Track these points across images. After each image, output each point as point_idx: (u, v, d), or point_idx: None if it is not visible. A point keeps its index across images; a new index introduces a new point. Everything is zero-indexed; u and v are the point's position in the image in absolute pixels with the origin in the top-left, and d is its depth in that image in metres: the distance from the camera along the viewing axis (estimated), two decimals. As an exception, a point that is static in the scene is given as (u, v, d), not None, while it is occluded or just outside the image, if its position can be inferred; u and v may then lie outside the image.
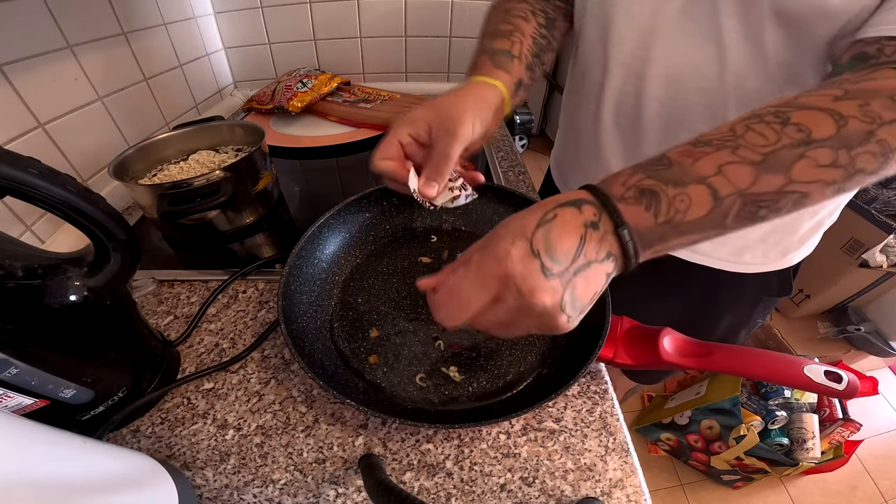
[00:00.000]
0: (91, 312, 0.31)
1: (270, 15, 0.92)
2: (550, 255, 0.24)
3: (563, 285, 0.24)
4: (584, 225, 0.24)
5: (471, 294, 0.26)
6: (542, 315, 0.24)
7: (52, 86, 0.54)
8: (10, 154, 0.24)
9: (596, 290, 0.25)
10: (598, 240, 0.24)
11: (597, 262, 0.24)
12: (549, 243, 0.24)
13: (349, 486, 0.33)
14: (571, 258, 0.24)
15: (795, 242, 0.48)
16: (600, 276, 0.25)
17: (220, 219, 0.55)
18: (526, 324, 0.26)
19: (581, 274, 0.24)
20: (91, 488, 0.23)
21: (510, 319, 0.25)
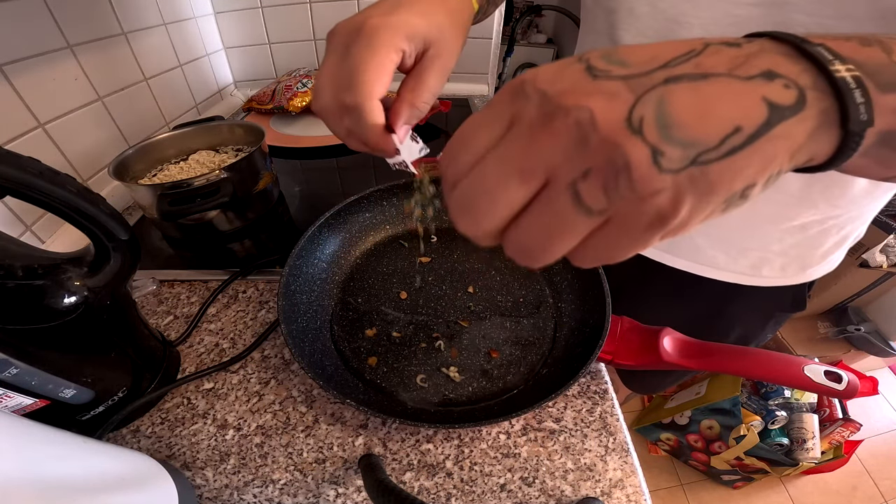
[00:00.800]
0: (91, 312, 0.30)
1: (270, 15, 0.92)
2: (608, 58, 0.14)
3: (632, 91, 0.13)
4: (704, 43, 0.14)
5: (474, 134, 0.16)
6: (587, 137, 0.13)
7: (52, 86, 0.54)
8: (10, 154, 0.24)
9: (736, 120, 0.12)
10: (737, 56, 0.13)
11: (732, 77, 0.13)
12: (612, 51, 0.14)
13: (349, 486, 0.33)
14: (659, 63, 0.13)
15: (817, 257, 0.45)
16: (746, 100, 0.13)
17: (220, 219, 0.55)
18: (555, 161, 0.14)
19: (686, 83, 0.13)
20: (91, 488, 0.23)
21: (527, 152, 0.14)
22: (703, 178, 0.13)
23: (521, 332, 0.42)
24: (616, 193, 0.13)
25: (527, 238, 0.15)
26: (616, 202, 0.13)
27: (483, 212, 0.16)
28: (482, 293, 0.46)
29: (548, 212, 0.14)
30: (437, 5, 0.28)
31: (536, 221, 0.15)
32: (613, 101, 0.13)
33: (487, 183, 0.15)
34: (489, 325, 0.43)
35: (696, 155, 0.12)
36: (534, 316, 0.44)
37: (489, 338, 0.42)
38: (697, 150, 0.12)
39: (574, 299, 0.43)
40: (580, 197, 0.13)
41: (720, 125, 0.12)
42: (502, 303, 0.45)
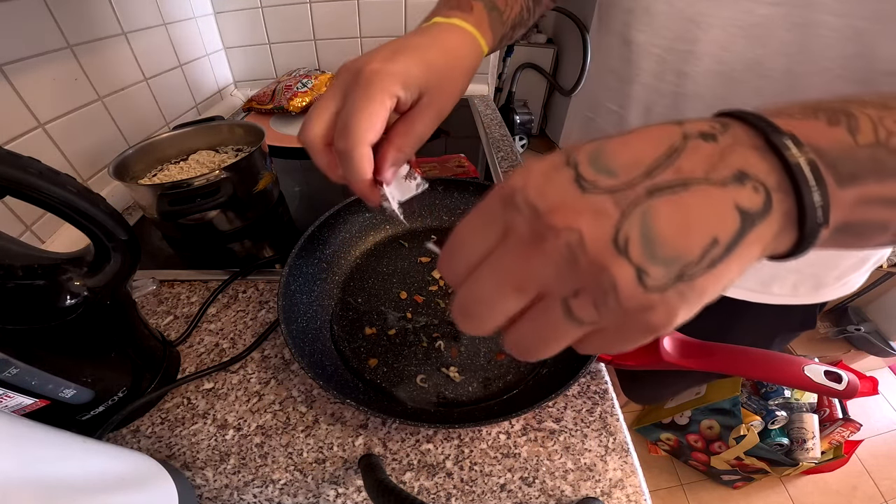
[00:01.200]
0: (91, 312, 0.30)
1: (270, 15, 0.92)
2: (596, 164, 0.14)
3: (618, 207, 0.13)
4: (682, 135, 0.14)
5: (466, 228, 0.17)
6: (576, 259, 0.13)
7: (52, 86, 0.54)
8: (10, 154, 0.24)
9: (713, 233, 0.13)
10: (712, 153, 0.14)
11: (706, 184, 0.13)
12: (599, 154, 0.14)
13: (349, 486, 0.33)
14: (643, 170, 0.14)
15: (833, 279, 0.42)
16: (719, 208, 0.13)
17: (220, 219, 0.55)
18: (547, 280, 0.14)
19: (667, 196, 0.13)
20: (91, 488, 0.23)
21: (520, 269, 0.15)
22: (689, 291, 0.13)
23: (521, 332, 0.42)
24: (606, 309, 0.14)
25: (523, 340, 0.17)
26: (606, 316, 0.14)
27: (481, 318, 0.17)
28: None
29: (542, 320, 0.15)
30: (440, 53, 0.29)
31: (532, 327, 0.16)
32: (600, 221, 0.13)
33: (484, 294, 0.16)
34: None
35: (679, 271, 0.13)
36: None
37: (489, 338, 0.42)
38: (680, 266, 0.13)
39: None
40: (571, 311, 0.14)
41: (699, 239, 0.13)
42: (502, 303, 0.45)
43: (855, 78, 0.28)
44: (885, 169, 0.15)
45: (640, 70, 0.38)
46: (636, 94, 0.40)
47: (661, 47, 0.36)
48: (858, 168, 0.14)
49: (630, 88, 0.40)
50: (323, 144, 0.27)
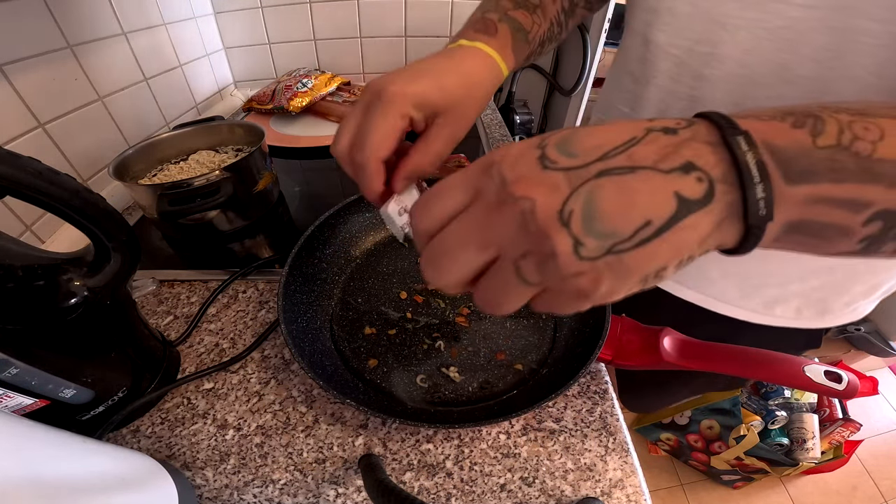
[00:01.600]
0: (91, 312, 0.30)
1: (270, 15, 0.92)
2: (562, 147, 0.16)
3: (569, 184, 0.15)
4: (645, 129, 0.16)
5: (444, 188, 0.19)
6: (527, 225, 0.15)
7: (52, 86, 0.54)
8: (10, 154, 0.24)
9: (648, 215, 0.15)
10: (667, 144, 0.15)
11: (652, 171, 0.15)
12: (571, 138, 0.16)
13: (349, 486, 0.33)
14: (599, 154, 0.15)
15: (841, 304, 0.41)
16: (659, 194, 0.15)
17: (220, 219, 0.55)
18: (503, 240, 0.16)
19: (612, 179, 0.15)
20: (91, 488, 0.23)
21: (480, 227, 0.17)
22: (618, 264, 0.15)
23: (521, 332, 0.42)
24: (546, 272, 0.16)
25: (485, 295, 0.19)
26: (547, 279, 0.16)
27: (445, 269, 0.18)
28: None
29: (498, 278, 0.17)
30: (458, 77, 0.30)
31: (491, 284, 0.18)
32: (552, 194, 0.15)
33: (449, 247, 0.18)
34: (489, 326, 0.43)
35: (611, 245, 0.15)
36: (534, 316, 0.44)
37: (489, 338, 0.42)
38: (613, 241, 0.15)
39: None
40: (521, 271, 0.16)
41: (633, 219, 0.15)
42: (502, 303, 0.45)
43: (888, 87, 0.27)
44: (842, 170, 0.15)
45: (656, 71, 0.37)
46: (650, 96, 0.39)
47: (681, 48, 0.35)
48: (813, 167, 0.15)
49: (645, 90, 0.39)
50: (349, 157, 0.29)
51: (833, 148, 0.15)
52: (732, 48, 0.32)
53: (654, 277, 0.16)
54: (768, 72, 0.31)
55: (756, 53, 0.31)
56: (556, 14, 0.40)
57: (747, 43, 0.31)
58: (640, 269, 0.15)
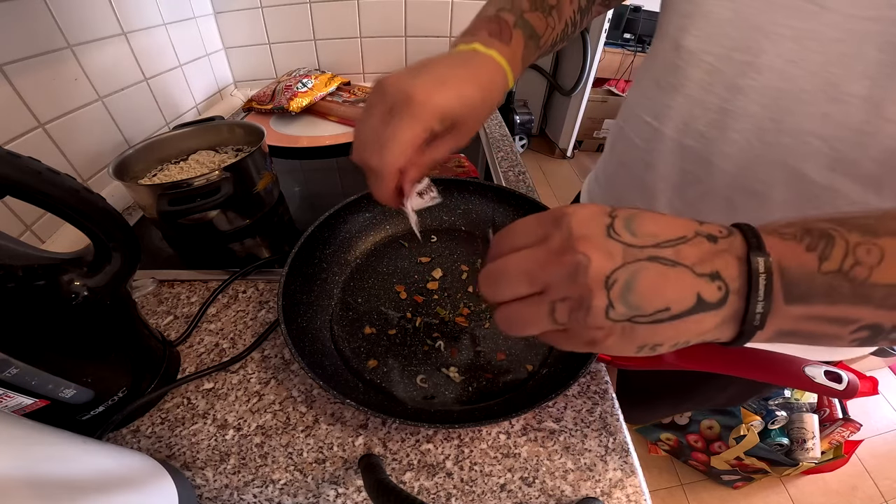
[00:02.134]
0: (91, 313, 0.31)
1: (270, 15, 0.92)
2: (630, 224, 0.18)
3: (623, 257, 0.18)
4: (696, 231, 0.18)
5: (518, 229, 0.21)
6: (577, 276, 0.18)
7: (52, 86, 0.54)
8: (10, 154, 0.24)
9: (670, 303, 0.17)
10: (707, 250, 0.18)
11: (689, 271, 0.18)
12: (636, 217, 0.19)
13: (349, 486, 0.33)
14: (655, 241, 0.18)
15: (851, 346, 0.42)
16: (685, 290, 0.17)
17: (220, 219, 0.55)
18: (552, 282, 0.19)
19: (657, 266, 0.18)
20: (91, 488, 0.23)
21: (538, 266, 0.19)
22: (630, 331, 0.18)
23: (521, 332, 0.42)
24: (574, 319, 0.19)
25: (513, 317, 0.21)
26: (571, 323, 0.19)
27: (499, 288, 0.21)
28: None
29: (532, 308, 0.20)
30: (477, 90, 0.30)
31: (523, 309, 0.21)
32: (607, 259, 0.18)
33: (510, 272, 0.20)
34: (489, 326, 0.43)
35: (633, 315, 0.18)
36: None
37: (489, 338, 0.42)
38: (635, 313, 0.18)
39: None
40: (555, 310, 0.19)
41: (658, 303, 0.17)
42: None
43: None
44: (836, 294, 0.17)
45: (686, 79, 0.35)
46: (677, 105, 0.37)
47: (715, 55, 0.33)
48: (811, 290, 0.17)
49: (671, 99, 0.37)
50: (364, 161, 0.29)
51: (834, 274, 0.17)
52: (775, 58, 0.30)
53: (649, 349, 0.19)
54: (813, 87, 0.29)
55: (802, 66, 0.29)
56: (573, 14, 0.39)
57: (793, 54, 0.29)
58: (643, 339, 0.18)
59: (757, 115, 0.32)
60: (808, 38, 0.28)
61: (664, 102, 0.38)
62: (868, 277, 0.17)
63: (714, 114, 0.34)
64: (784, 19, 0.29)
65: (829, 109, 0.28)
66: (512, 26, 0.34)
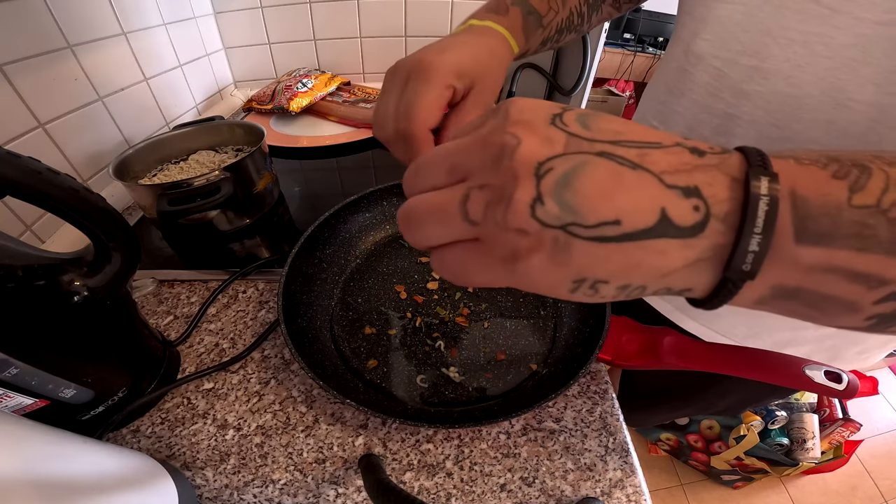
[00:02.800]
0: (91, 313, 0.31)
1: (270, 15, 0.92)
2: (581, 117, 0.15)
3: (565, 147, 0.14)
4: (675, 142, 0.14)
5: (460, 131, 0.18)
6: (501, 158, 0.14)
7: (52, 86, 0.54)
8: (10, 154, 0.24)
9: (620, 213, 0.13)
10: (686, 162, 0.13)
11: (655, 178, 0.13)
12: (592, 114, 0.15)
13: (349, 486, 0.33)
14: (613, 138, 0.14)
15: (852, 353, 0.39)
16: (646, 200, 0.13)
17: (220, 219, 0.55)
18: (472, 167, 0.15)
19: (609, 164, 0.13)
20: (91, 488, 0.23)
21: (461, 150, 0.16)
22: (563, 246, 0.13)
23: (521, 332, 0.42)
24: (491, 214, 0.14)
25: (417, 208, 0.16)
26: (487, 222, 0.14)
27: (418, 179, 0.17)
28: (482, 293, 0.46)
29: (441, 199, 0.16)
30: (482, 48, 0.30)
31: (431, 201, 0.16)
32: (542, 146, 0.14)
33: (430, 161, 0.17)
34: (489, 326, 0.43)
35: (569, 222, 0.13)
36: (534, 316, 0.44)
37: (489, 338, 0.42)
38: (572, 219, 0.13)
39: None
40: (467, 200, 0.15)
41: (605, 210, 0.13)
42: (502, 303, 0.45)
43: None
44: (870, 237, 0.13)
45: (693, 84, 0.35)
46: (683, 110, 0.36)
47: (723, 60, 0.32)
48: (836, 229, 0.13)
49: (678, 103, 0.37)
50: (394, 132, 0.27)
51: (869, 209, 0.13)
52: (782, 63, 0.29)
53: (588, 287, 0.14)
54: (820, 93, 0.28)
55: (809, 71, 0.28)
56: (577, 5, 0.39)
57: (800, 59, 0.28)
58: (581, 265, 0.14)
59: (761, 120, 0.31)
60: (817, 43, 0.28)
61: (672, 107, 0.38)
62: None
63: (719, 119, 0.34)
64: (795, 23, 0.28)
65: (835, 116, 0.28)
66: (509, 4, 0.35)
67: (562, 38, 0.40)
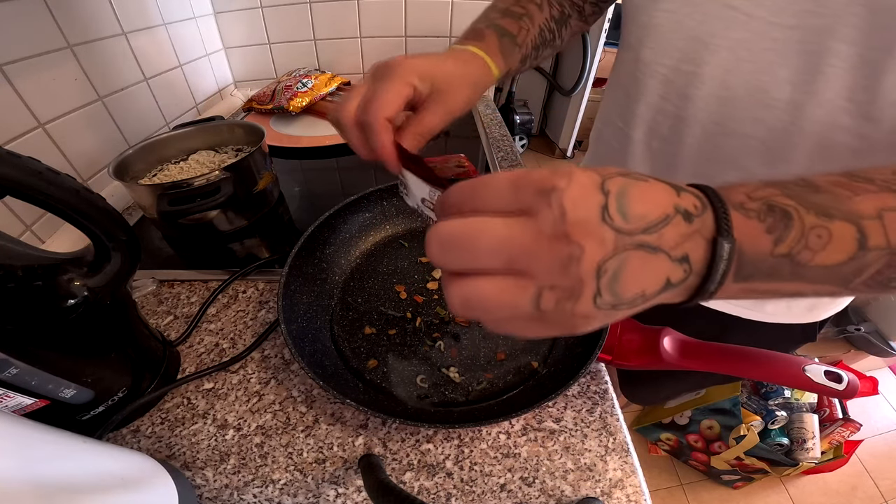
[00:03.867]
0: (91, 313, 0.30)
1: (270, 15, 0.92)
2: (622, 205, 0.17)
3: (615, 246, 0.17)
4: (675, 207, 0.18)
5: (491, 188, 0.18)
6: (570, 266, 0.17)
7: (52, 86, 0.54)
8: (10, 154, 0.24)
9: (645, 289, 0.18)
10: (684, 233, 0.18)
11: (666, 256, 0.17)
12: (627, 194, 0.17)
13: (349, 486, 0.33)
14: (644, 226, 0.17)
15: (826, 298, 0.43)
16: (660, 276, 0.18)
17: (220, 219, 0.55)
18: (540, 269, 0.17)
19: (642, 253, 0.17)
20: (91, 488, 0.23)
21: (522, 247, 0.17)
22: (610, 315, 0.18)
23: (521, 332, 0.42)
24: (562, 307, 0.17)
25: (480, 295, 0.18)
26: (558, 312, 0.18)
27: (461, 257, 0.18)
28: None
29: (512, 292, 0.18)
30: (452, 61, 0.33)
31: (497, 291, 0.18)
32: (600, 248, 0.17)
33: (479, 244, 0.18)
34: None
35: (616, 303, 0.18)
36: (534, 316, 0.44)
37: (489, 338, 0.42)
38: (618, 301, 0.18)
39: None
40: (540, 298, 0.17)
41: (637, 290, 0.18)
42: (502, 303, 0.45)
43: (858, 112, 0.28)
44: (776, 274, 0.19)
45: (645, 89, 0.39)
46: (641, 113, 0.40)
47: (667, 67, 0.36)
48: (757, 272, 0.19)
49: (636, 107, 0.40)
50: (353, 122, 0.30)
51: (782, 257, 0.18)
52: (715, 68, 0.33)
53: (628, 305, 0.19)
54: (747, 94, 0.32)
55: (737, 74, 0.32)
56: (546, 21, 0.42)
57: (728, 64, 0.32)
58: (613, 320, 0.19)
59: (704, 121, 0.35)
60: (740, 48, 0.31)
61: (631, 110, 0.42)
62: (809, 261, 0.18)
63: (671, 120, 0.38)
64: (720, 29, 0.32)
65: (761, 114, 0.32)
66: (484, 29, 0.39)
67: (539, 55, 0.43)
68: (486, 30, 0.38)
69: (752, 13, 0.30)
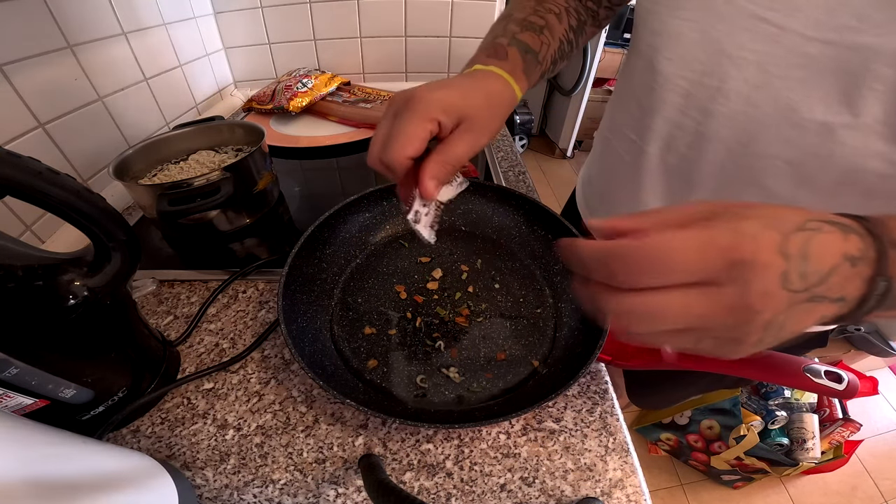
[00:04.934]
0: (91, 313, 0.30)
1: (270, 15, 0.92)
2: (803, 267, 0.17)
3: (788, 304, 0.18)
4: (843, 256, 0.18)
5: (677, 259, 0.18)
6: (742, 327, 0.18)
7: (52, 86, 0.54)
8: (10, 154, 0.24)
9: (801, 329, 0.19)
10: (847, 276, 0.18)
11: (828, 301, 0.18)
12: (808, 254, 0.18)
13: (349, 486, 0.33)
14: (816, 281, 0.18)
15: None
16: (817, 316, 0.19)
17: (220, 219, 0.55)
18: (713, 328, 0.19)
19: (809, 305, 0.18)
20: (91, 488, 0.23)
21: (701, 316, 0.18)
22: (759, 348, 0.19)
23: (521, 332, 0.42)
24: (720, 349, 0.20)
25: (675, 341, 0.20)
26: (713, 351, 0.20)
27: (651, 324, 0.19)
28: (482, 293, 0.46)
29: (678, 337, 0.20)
30: (480, 92, 0.32)
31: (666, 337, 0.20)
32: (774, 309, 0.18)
33: (664, 317, 0.19)
34: (489, 326, 0.43)
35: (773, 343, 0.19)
36: (533, 316, 0.44)
37: (489, 338, 0.42)
38: (775, 343, 0.19)
39: (574, 299, 0.43)
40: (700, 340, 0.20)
41: (797, 332, 0.19)
42: (502, 303, 0.45)
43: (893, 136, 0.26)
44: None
45: (663, 103, 0.37)
46: (657, 127, 0.38)
47: (688, 80, 0.34)
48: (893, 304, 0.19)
49: (651, 120, 0.39)
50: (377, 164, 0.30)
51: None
52: (741, 84, 0.31)
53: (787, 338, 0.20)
54: (775, 112, 0.30)
55: (765, 91, 0.30)
56: (565, 32, 0.40)
57: (756, 79, 0.30)
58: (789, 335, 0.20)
59: (728, 138, 0.33)
60: (770, 63, 0.29)
61: (645, 123, 0.40)
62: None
63: (691, 136, 0.36)
64: (747, 41, 0.30)
65: (790, 135, 0.30)
66: (506, 46, 0.36)
67: (555, 69, 0.42)
68: (508, 47, 0.36)
69: (785, 26, 0.28)
